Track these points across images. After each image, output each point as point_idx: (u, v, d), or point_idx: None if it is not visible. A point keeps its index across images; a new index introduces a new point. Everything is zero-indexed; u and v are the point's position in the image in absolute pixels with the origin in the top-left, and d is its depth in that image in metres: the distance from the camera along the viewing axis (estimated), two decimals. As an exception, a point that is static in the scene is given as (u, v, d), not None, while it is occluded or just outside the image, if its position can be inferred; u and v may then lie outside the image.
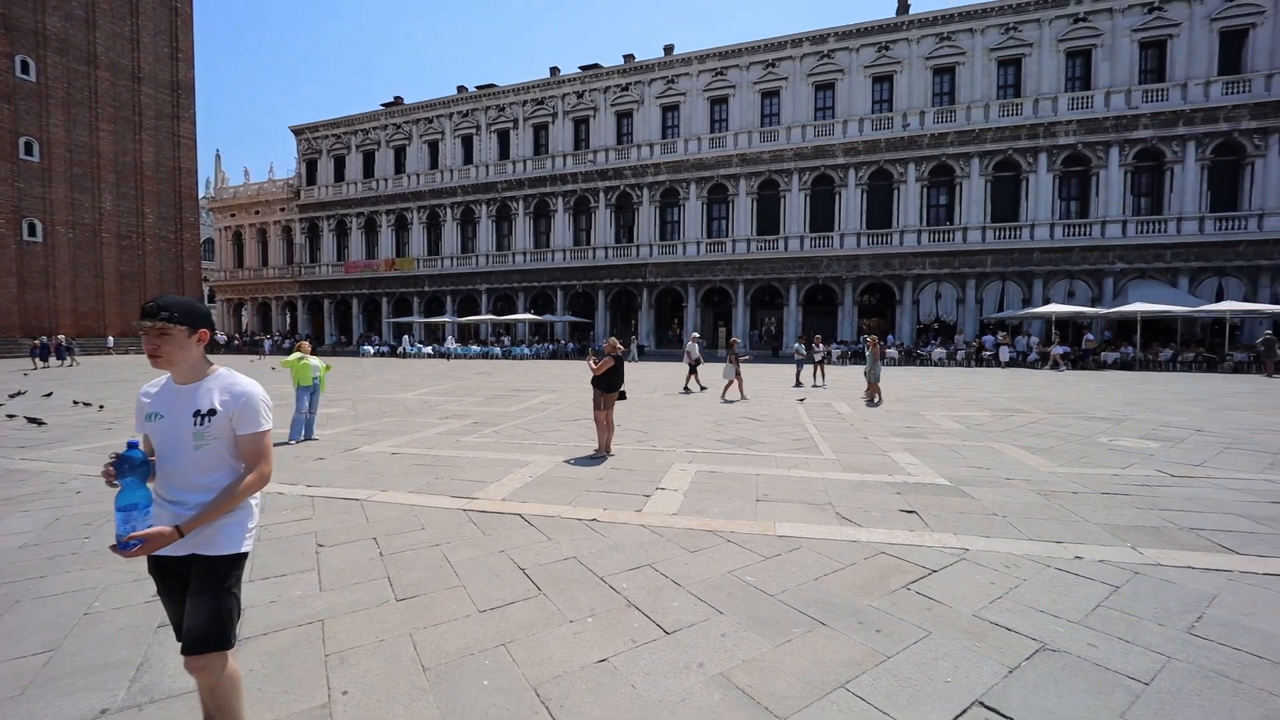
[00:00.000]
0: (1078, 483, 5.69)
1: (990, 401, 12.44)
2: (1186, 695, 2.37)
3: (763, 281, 31.37)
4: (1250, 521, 4.52)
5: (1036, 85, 27.19)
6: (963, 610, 3.09)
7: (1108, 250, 26.01)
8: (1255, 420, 9.79)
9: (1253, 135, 24.50)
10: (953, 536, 4.17)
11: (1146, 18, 25.89)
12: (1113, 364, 23.25)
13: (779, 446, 7.50)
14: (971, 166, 27.89)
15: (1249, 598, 3.23)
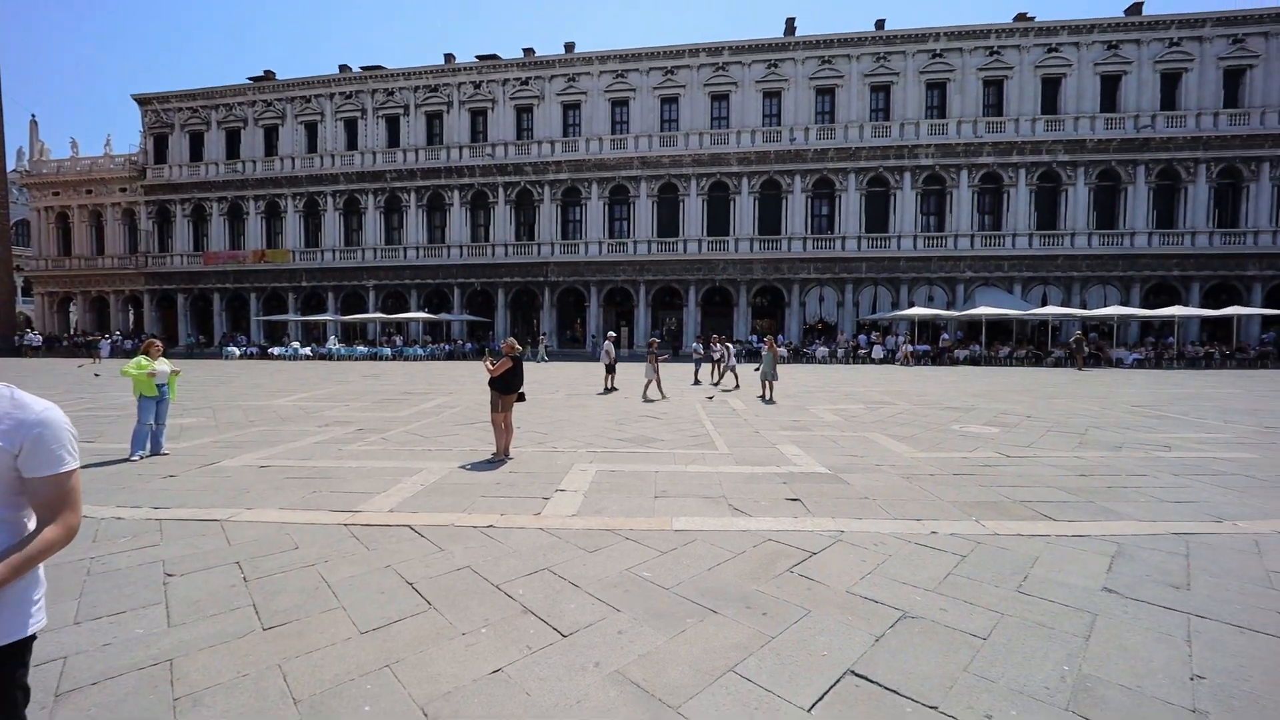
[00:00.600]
0: (934, 466, 6.42)
1: (865, 395, 13.67)
2: (1013, 645, 2.76)
3: (663, 282, 32.13)
4: (1064, 492, 5.36)
5: (903, 110, 30.28)
6: (838, 587, 3.37)
7: (959, 260, 29.59)
8: (1069, 406, 11.62)
9: (1066, 167, 29.05)
10: (831, 520, 4.54)
11: (987, 59, 29.78)
12: (964, 360, 26.50)
13: (678, 443, 7.73)
14: (849, 181, 30.48)
15: (1061, 556, 3.83)
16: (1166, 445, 7.63)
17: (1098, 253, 28.68)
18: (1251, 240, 27.95)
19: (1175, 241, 28.43)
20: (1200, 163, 28.21)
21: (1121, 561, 3.75)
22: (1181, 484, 5.67)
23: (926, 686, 2.44)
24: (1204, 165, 28.23)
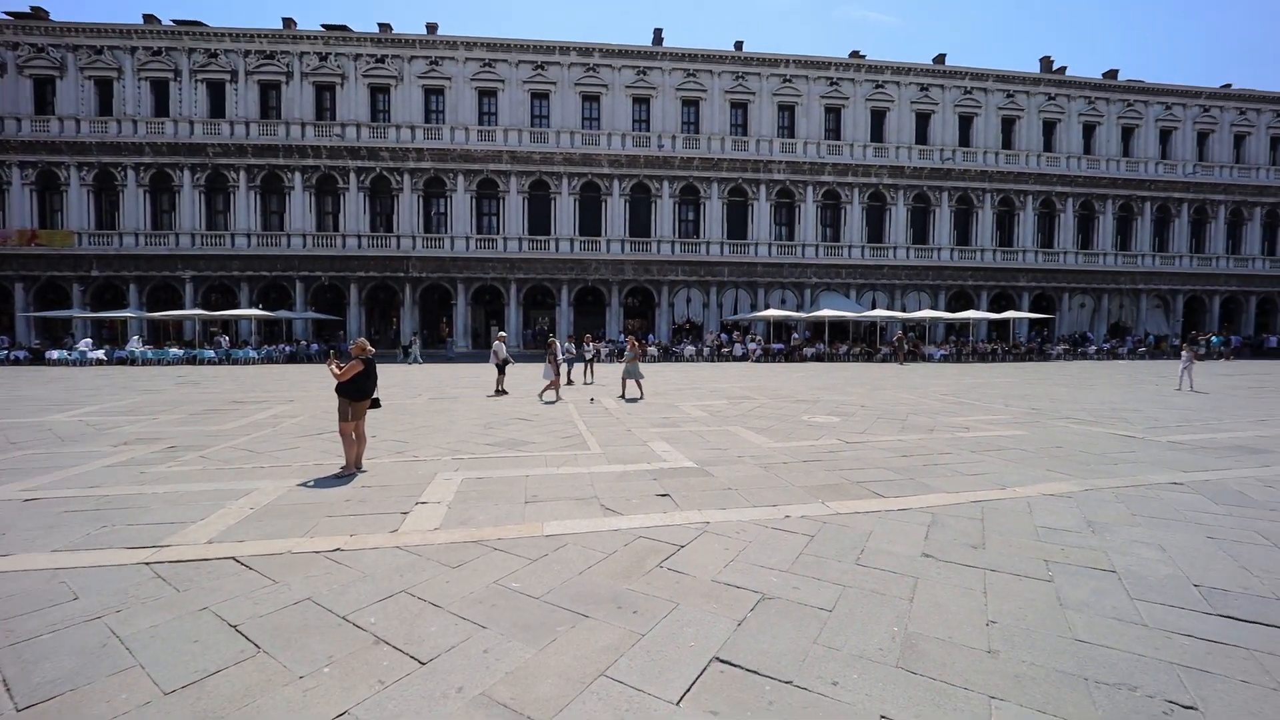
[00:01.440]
0: (788, 454, 7.00)
1: (728, 391, 14.57)
2: (854, 613, 3.07)
3: (535, 281, 31.53)
4: (891, 472, 6.13)
5: (759, 128, 32.79)
6: (704, 577, 3.51)
7: (807, 267, 32.78)
8: (894, 396, 13.39)
9: (890, 189, 33.50)
10: (697, 513, 4.73)
11: (829, 89, 33.35)
12: (811, 357, 29.40)
13: (549, 445, 7.59)
14: (712, 190, 32.30)
15: (890, 529, 4.36)
16: (966, 427, 9.09)
17: (914, 264, 33.47)
18: (1021, 257, 34.44)
19: (970, 256, 34.11)
20: (986, 192, 34.15)
21: (936, 529, 4.37)
22: (977, 459, 6.78)
23: (782, 663, 2.61)
24: (989, 194, 34.22)
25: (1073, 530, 4.37)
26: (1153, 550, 3.96)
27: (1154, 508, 4.92)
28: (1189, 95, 36.27)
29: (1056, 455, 7.03)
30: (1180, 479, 5.88)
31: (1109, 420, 9.87)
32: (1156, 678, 2.51)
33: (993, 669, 2.58)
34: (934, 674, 2.54)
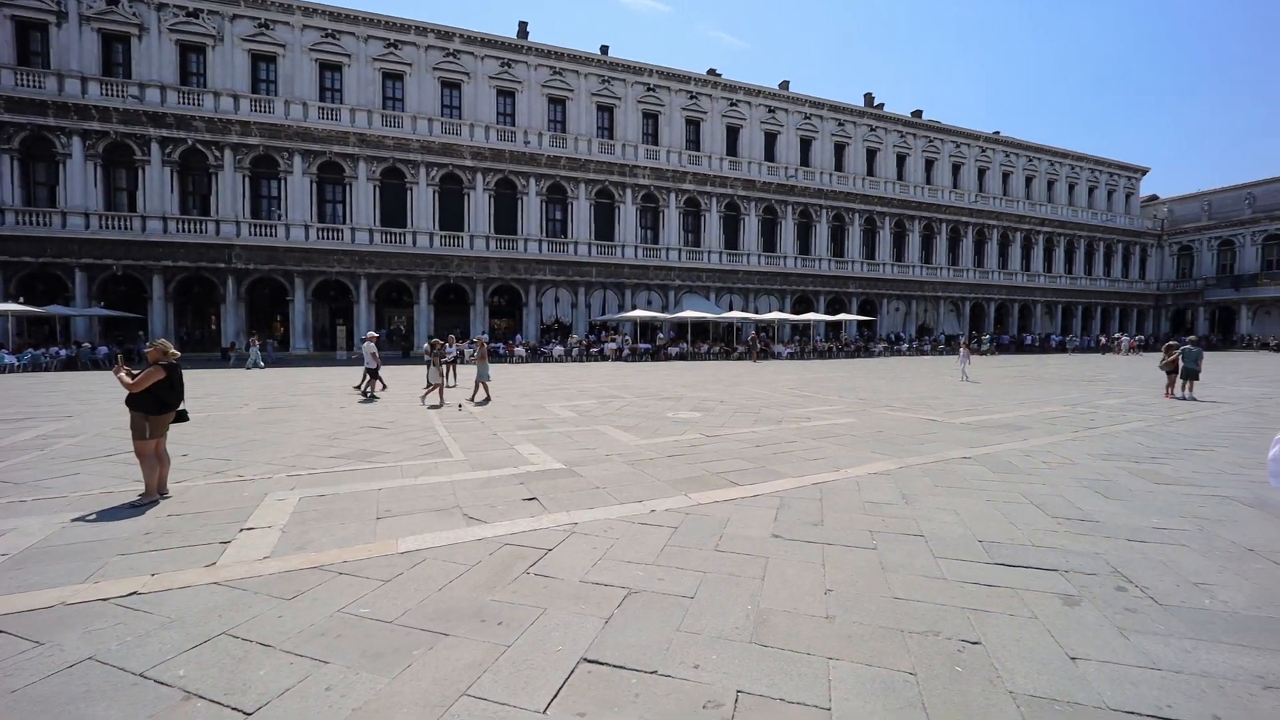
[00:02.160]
0: (653, 451, 7.24)
1: (597, 391, 14.71)
2: (713, 598, 3.25)
3: (390, 277, 29.15)
4: (745, 461, 6.62)
5: (624, 132, 33.55)
6: (572, 579, 3.49)
7: (671, 270, 34.25)
8: (749, 391, 14.50)
9: (743, 200, 36.22)
10: (566, 514, 4.70)
11: (689, 102, 35.17)
12: (676, 356, 30.80)
13: (406, 454, 7.06)
14: (580, 190, 32.41)
15: (745, 515, 4.70)
16: (808, 417, 10.12)
17: (764, 270, 36.55)
18: (851, 267, 39.20)
19: (810, 265, 38.07)
20: (823, 209, 38.36)
21: (784, 511, 4.80)
22: (817, 446, 7.58)
23: (648, 654, 2.69)
24: (825, 210, 38.46)
25: (891, 503, 5.06)
26: (950, 515, 4.72)
27: (950, 479, 5.88)
28: (971, 137, 44.00)
29: (879, 439, 8.10)
30: (969, 454, 7.10)
31: (917, 407, 11.61)
32: (952, 622, 2.99)
33: (830, 633, 2.89)
34: (782, 644, 2.78)
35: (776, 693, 2.42)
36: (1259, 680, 2.49)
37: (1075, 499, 5.18)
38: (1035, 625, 2.96)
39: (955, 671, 2.56)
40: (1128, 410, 11.23)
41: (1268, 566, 3.70)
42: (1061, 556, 3.85)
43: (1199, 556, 3.86)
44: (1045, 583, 3.46)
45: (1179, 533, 4.32)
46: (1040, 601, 3.21)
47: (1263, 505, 5.00)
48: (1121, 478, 5.95)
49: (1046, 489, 5.50)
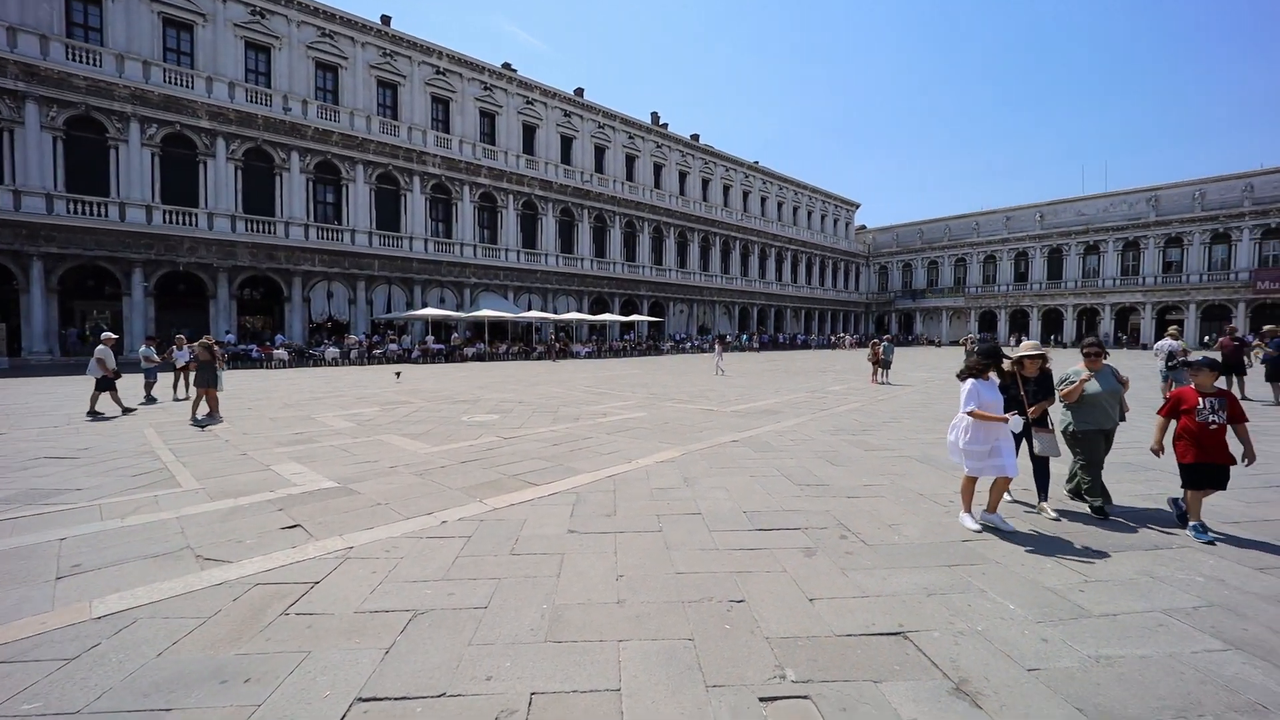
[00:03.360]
0: (446, 458, 6.81)
1: (380, 396, 13.30)
2: (508, 603, 3.17)
3: (82, 260, 22.33)
4: (543, 461, 6.62)
5: (410, 114, 30.89)
6: (345, 612, 3.08)
7: (465, 267, 32.66)
8: (548, 390, 14.57)
9: (541, 200, 36.27)
10: (338, 539, 4.14)
11: (483, 92, 33.87)
12: (472, 356, 29.46)
13: (109, 489, 5.48)
14: (357, 172, 28.90)
15: (542, 514, 4.69)
16: (604, 414, 10.56)
17: (563, 270, 37.13)
18: (642, 271, 42.09)
19: (606, 267, 39.81)
20: (616, 215, 40.43)
21: (580, 506, 4.91)
22: (613, 440, 7.94)
23: (435, 678, 2.50)
24: (619, 217, 40.59)
25: (675, 487, 5.55)
26: (721, 492, 5.36)
27: (723, 461, 6.68)
28: (738, 163, 50.69)
29: (666, 430, 8.83)
30: (737, 437, 8.16)
31: (698, 399, 12.96)
32: (723, 586, 3.39)
33: (621, 616, 3.04)
34: (576, 637, 2.84)
35: (570, 686, 2.46)
36: (924, 590, 3.33)
37: (812, 468, 6.31)
38: (784, 578, 3.52)
39: (725, 629, 2.91)
40: (848, 394, 14.10)
41: (933, 506, 4.97)
42: (803, 517, 4.65)
43: (891, 504, 5.01)
44: (791, 540, 4.14)
45: (879, 487, 5.55)
46: (788, 557, 3.84)
47: (929, 460, 6.71)
48: (844, 448, 7.44)
49: (793, 462, 6.60)
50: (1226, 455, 4.23)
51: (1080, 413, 4.82)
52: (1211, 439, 4.20)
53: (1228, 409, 4.24)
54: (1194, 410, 4.27)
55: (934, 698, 2.37)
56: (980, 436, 4.25)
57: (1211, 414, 4.21)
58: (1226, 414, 4.22)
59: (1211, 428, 4.20)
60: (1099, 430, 4.78)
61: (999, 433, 4.24)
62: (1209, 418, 4.21)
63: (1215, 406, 4.23)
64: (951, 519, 4.60)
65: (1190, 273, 47.77)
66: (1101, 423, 4.77)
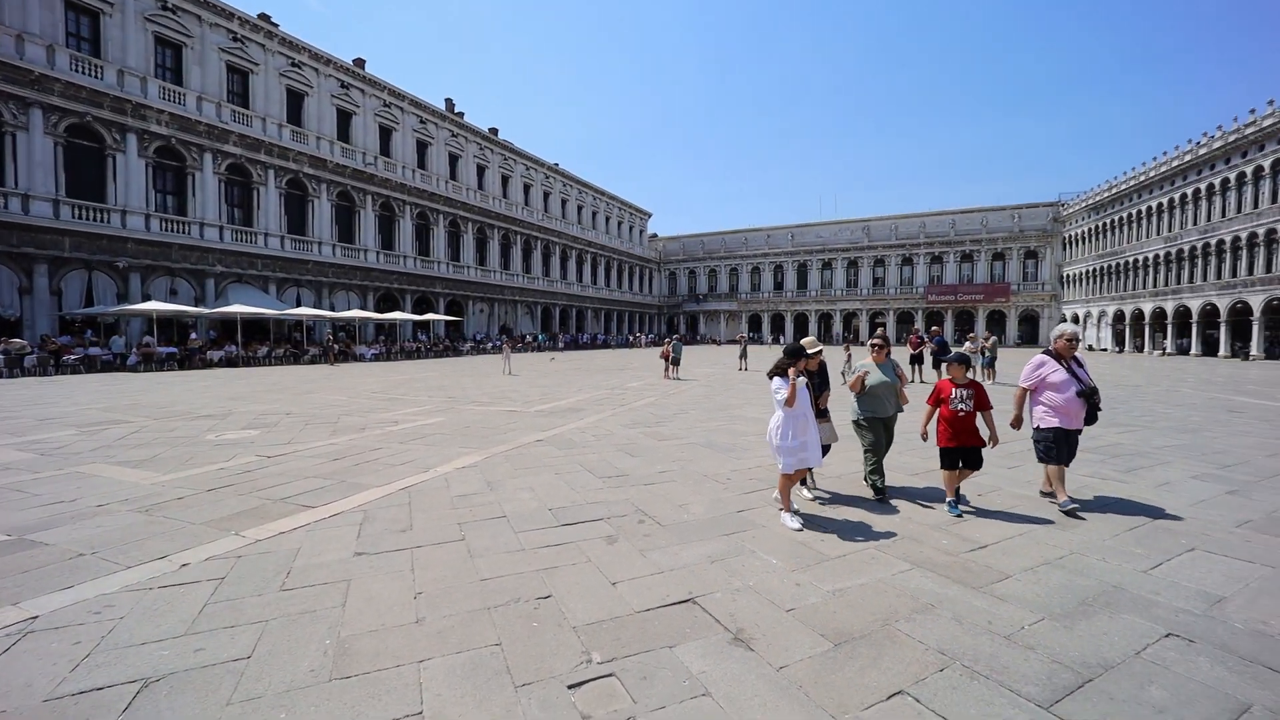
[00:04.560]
0: (184, 487, 5.54)
1: (77, 416, 10.23)
2: (279, 647, 2.73)
3: None
4: (321, 479, 5.81)
5: (121, 53, 24.17)
6: (29, 704, 2.33)
7: (209, 252, 26.81)
8: (325, 399, 12.77)
9: (312, 180, 31.55)
10: (11, 609, 3.10)
11: (231, 43, 28.09)
12: (219, 361, 24.33)
13: None
14: (33, 118, 21.64)
15: (321, 540, 4.12)
16: (395, 421, 9.67)
17: (341, 262, 32.87)
18: (437, 267, 39.43)
19: (395, 261, 36.37)
20: (406, 204, 37.23)
21: (368, 525, 4.44)
22: (405, 449, 7.32)
23: (177, 754, 2.04)
24: (409, 206, 37.43)
25: (478, 492, 5.36)
26: (527, 492, 5.34)
27: (528, 461, 6.65)
28: (538, 163, 50.64)
29: (467, 434, 8.45)
30: (541, 436, 8.19)
31: (500, 400, 12.66)
32: (530, 585, 3.40)
33: (421, 635, 2.85)
34: (368, 668, 2.57)
35: (362, 722, 2.23)
36: (709, 559, 3.78)
37: (613, 461, 6.66)
38: (589, 567, 3.66)
39: (532, 627, 2.92)
40: (644, 390, 15.15)
41: (715, 485, 5.63)
42: (605, 508, 4.89)
43: (682, 487, 5.55)
44: (595, 531, 4.32)
45: (672, 473, 6.10)
46: (592, 547, 4.00)
47: (712, 445, 7.58)
48: (641, 440, 7.99)
49: (595, 456, 6.88)
50: (977, 438, 4.68)
51: (863, 402, 5.20)
52: (962, 424, 4.65)
53: (975, 398, 4.70)
54: (949, 399, 4.73)
55: (718, 650, 2.71)
56: (794, 431, 4.38)
57: (961, 403, 4.66)
58: (974, 402, 4.70)
59: (962, 414, 4.65)
60: (878, 418, 5.15)
61: (808, 427, 4.43)
62: (959, 406, 4.67)
63: (964, 396, 4.68)
64: (731, 494, 5.28)
65: (889, 286, 62.09)
66: (878, 411, 5.14)
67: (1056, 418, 4.81)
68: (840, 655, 2.67)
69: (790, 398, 4.32)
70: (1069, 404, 4.77)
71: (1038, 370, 4.99)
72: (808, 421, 4.45)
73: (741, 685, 2.45)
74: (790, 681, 2.47)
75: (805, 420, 4.44)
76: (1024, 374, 5.10)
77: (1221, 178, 35.34)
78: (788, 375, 4.44)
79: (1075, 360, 4.97)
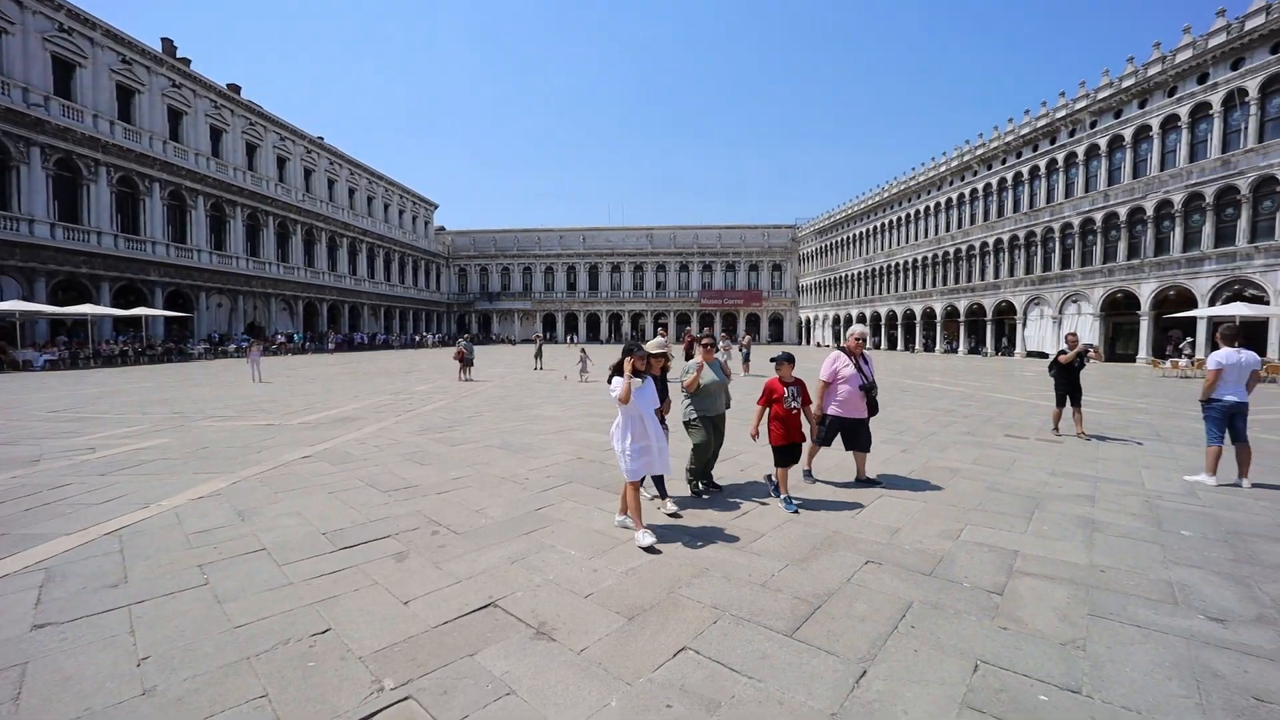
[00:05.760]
0: None
1: None
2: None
3: None
4: (-36, 535, 4.22)
5: None
6: None
7: None
8: (-38, 425, 9.19)
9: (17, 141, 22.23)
10: None
11: None
12: None
13: None
14: None
15: (-32, 618, 3.01)
16: (91, 447, 7.46)
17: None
18: (151, 249, 31.18)
19: (82, 238, 27.68)
20: (101, 165, 28.56)
21: (54, 586, 3.39)
22: (109, 482, 5.72)
23: None
24: (105, 169, 28.76)
25: (225, 525, 4.47)
26: (293, 518, 4.63)
27: (292, 482, 5.75)
28: (297, 134, 43.48)
29: (204, 456, 6.94)
30: (309, 452, 7.14)
31: (252, 413, 10.66)
32: (303, 622, 2.98)
33: (150, 710, 2.30)
34: (65, 767, 1.99)
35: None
36: (509, 560, 3.76)
37: (400, 472, 6.15)
38: (377, 590, 3.35)
39: (308, 668, 2.58)
40: (434, 393, 14.22)
41: (513, 486, 5.59)
42: (393, 523, 4.51)
43: (478, 491, 5.39)
44: (382, 550, 3.96)
45: (467, 478, 5.88)
46: (379, 568, 3.66)
47: (508, 447, 7.48)
48: (431, 446, 7.51)
49: (378, 469, 6.27)
50: (802, 434, 4.92)
51: (695, 400, 5.16)
52: (793, 421, 4.84)
53: (800, 396, 4.91)
54: (781, 398, 4.85)
55: (521, 648, 2.74)
56: (639, 432, 4.14)
57: (793, 400, 4.84)
58: (800, 400, 4.90)
59: (793, 412, 4.84)
60: (709, 417, 5.15)
61: (649, 430, 4.17)
62: (791, 404, 4.82)
63: (793, 394, 4.86)
64: (529, 494, 5.31)
65: (670, 290, 68.37)
66: (709, 410, 5.15)
67: (839, 408, 5.50)
68: (634, 627, 2.92)
69: (624, 395, 4.04)
70: (853, 395, 5.47)
71: (833, 365, 5.55)
72: (648, 424, 4.17)
73: (544, 676, 2.52)
74: (590, 661, 2.62)
75: (645, 423, 4.15)
76: (824, 369, 5.58)
77: (895, 216, 47.30)
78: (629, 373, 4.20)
79: (863, 357, 5.65)
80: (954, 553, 3.92)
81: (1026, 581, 3.48)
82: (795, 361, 4.99)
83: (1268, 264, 22.76)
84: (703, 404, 5.17)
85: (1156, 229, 27.36)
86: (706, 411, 5.16)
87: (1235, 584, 3.46)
